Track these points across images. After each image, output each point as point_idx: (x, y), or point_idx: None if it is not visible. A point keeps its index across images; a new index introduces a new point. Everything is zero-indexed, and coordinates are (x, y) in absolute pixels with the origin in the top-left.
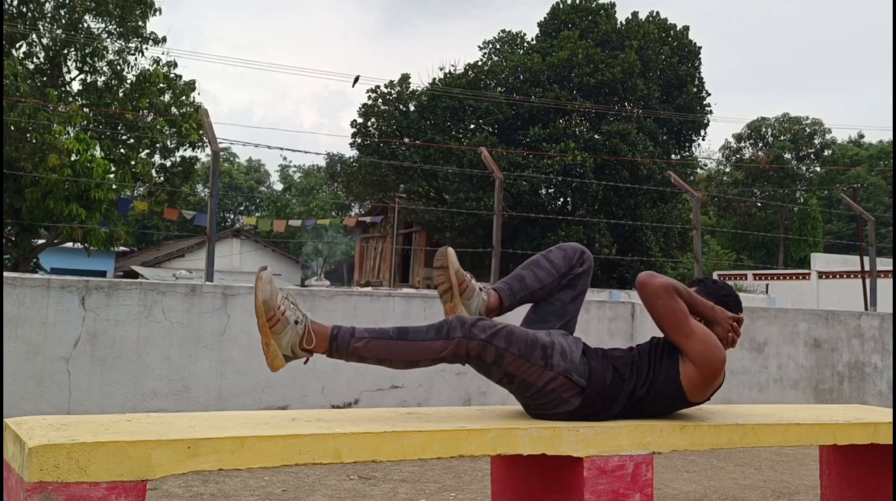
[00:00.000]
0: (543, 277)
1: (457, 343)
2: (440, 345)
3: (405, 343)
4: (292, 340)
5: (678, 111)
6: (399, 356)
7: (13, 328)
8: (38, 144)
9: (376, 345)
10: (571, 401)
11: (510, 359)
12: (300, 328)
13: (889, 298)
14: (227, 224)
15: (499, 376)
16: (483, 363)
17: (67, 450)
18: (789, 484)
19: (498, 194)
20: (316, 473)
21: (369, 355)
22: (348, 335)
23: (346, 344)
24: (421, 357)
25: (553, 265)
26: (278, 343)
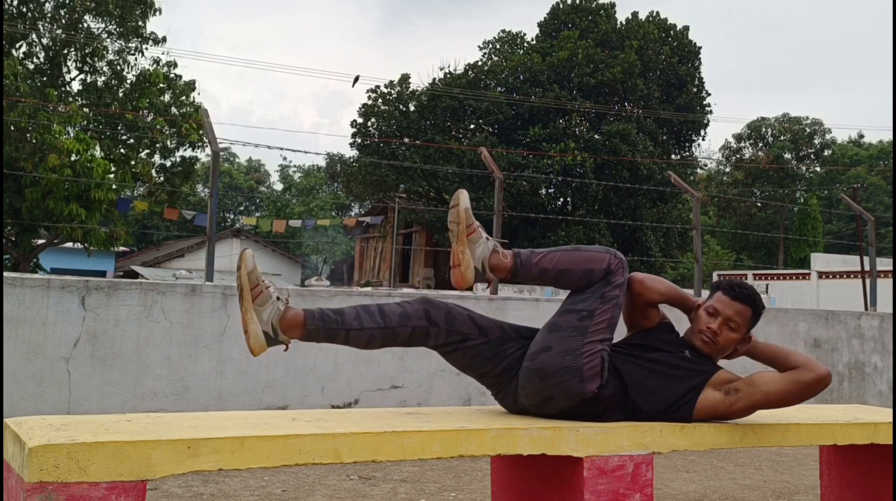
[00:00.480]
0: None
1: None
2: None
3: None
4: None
5: (678, 111)
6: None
7: (13, 328)
8: (38, 144)
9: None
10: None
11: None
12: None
13: (889, 298)
14: (227, 224)
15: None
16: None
17: (67, 450)
18: (789, 484)
19: (498, 194)
20: (316, 473)
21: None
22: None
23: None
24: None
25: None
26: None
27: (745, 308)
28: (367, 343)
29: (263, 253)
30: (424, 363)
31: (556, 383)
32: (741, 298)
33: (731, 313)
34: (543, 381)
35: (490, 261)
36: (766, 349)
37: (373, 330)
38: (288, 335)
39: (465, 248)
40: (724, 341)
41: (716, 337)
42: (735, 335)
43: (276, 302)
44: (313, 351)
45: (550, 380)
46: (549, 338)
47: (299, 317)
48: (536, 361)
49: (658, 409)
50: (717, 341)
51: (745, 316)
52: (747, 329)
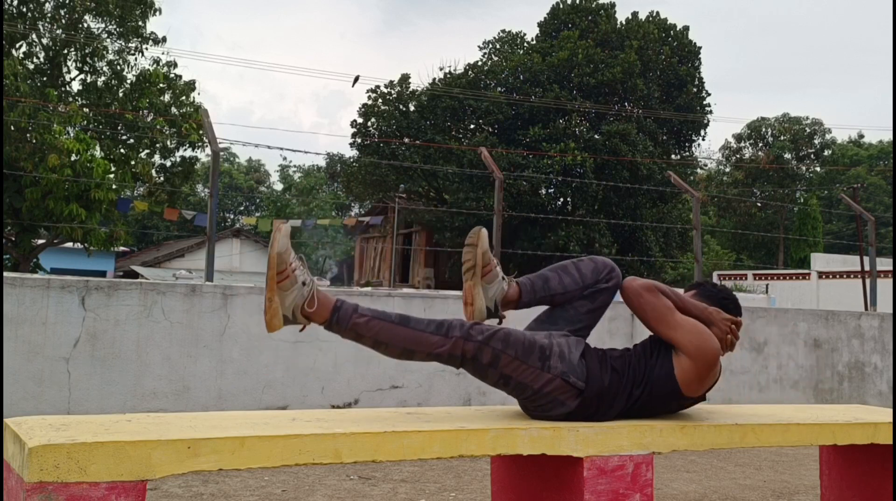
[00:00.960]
0: (568, 283)
1: (454, 343)
2: (438, 341)
3: (405, 330)
4: (296, 301)
5: (678, 111)
6: (396, 341)
7: (13, 328)
8: (38, 144)
9: (377, 326)
10: (568, 403)
11: (507, 361)
12: (306, 290)
13: (889, 298)
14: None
15: (495, 378)
16: (479, 365)
17: (67, 450)
18: (789, 484)
19: (498, 193)
20: (316, 473)
21: (367, 334)
22: (351, 309)
23: (347, 318)
24: (417, 348)
25: (581, 275)
26: (281, 301)
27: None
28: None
29: (263, 253)
30: (424, 363)
31: (542, 414)
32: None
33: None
34: (532, 413)
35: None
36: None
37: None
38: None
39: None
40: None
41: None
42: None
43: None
44: (313, 351)
45: (537, 414)
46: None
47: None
48: (521, 405)
49: (648, 384)
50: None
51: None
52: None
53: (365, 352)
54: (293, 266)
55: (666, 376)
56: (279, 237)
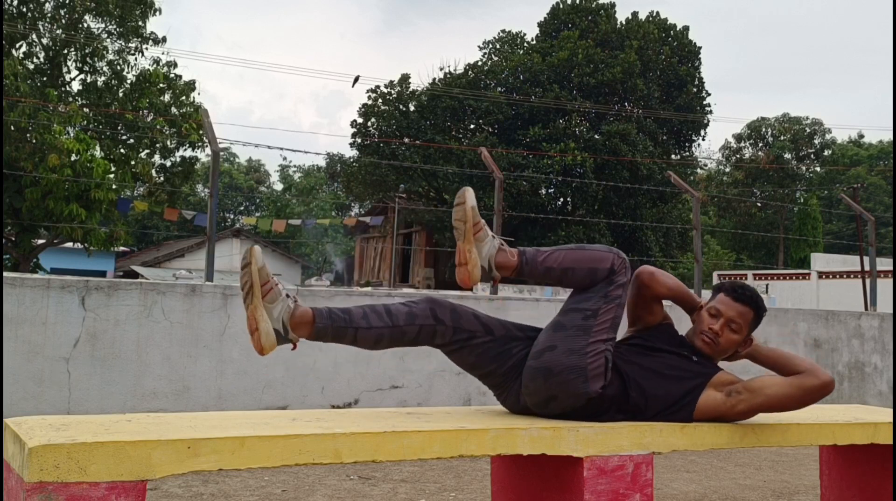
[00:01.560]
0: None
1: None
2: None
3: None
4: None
5: (678, 111)
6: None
7: (13, 328)
8: (38, 144)
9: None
10: (591, 384)
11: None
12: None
13: (889, 298)
14: (227, 224)
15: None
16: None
17: (67, 450)
18: (789, 484)
19: (498, 194)
20: (316, 473)
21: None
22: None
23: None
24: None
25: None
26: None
27: (747, 310)
28: (374, 343)
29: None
30: (424, 363)
31: (561, 382)
32: (743, 299)
33: (733, 314)
34: (548, 380)
35: (496, 259)
36: (770, 353)
37: (381, 329)
38: (297, 333)
39: (472, 246)
40: (725, 342)
41: (717, 338)
42: (736, 336)
43: (286, 299)
44: (313, 351)
45: (555, 379)
46: (553, 337)
47: (308, 315)
48: (541, 359)
49: (659, 409)
50: (719, 342)
51: (747, 318)
52: (749, 331)
53: (365, 352)
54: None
55: (687, 413)
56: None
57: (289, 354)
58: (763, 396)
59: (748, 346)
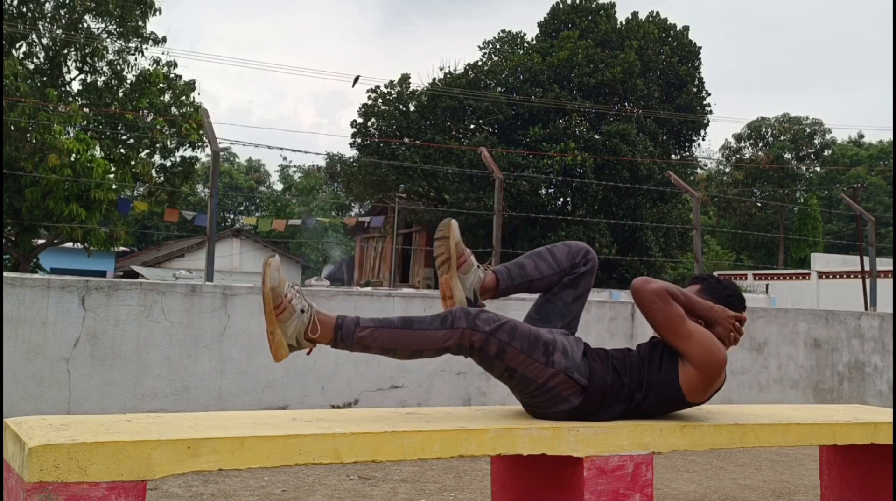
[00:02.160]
0: (544, 268)
1: (461, 334)
2: (444, 335)
3: (409, 332)
4: (297, 329)
5: (678, 111)
6: (404, 345)
7: (13, 328)
8: (38, 144)
9: (381, 334)
10: (571, 400)
11: (513, 354)
12: (306, 317)
13: (889, 298)
14: (227, 224)
15: (500, 370)
16: (486, 355)
17: (67, 450)
18: (789, 484)
19: (498, 193)
20: (316, 473)
21: (374, 344)
22: (353, 324)
23: (350, 334)
24: (425, 347)
25: (556, 260)
26: (283, 332)
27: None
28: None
29: (263, 253)
30: (424, 362)
31: (544, 411)
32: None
33: None
34: (534, 411)
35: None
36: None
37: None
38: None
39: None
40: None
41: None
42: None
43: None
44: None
45: (538, 412)
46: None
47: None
48: (520, 398)
49: (653, 389)
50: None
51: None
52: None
53: None
54: (289, 297)
55: (669, 383)
56: (269, 272)
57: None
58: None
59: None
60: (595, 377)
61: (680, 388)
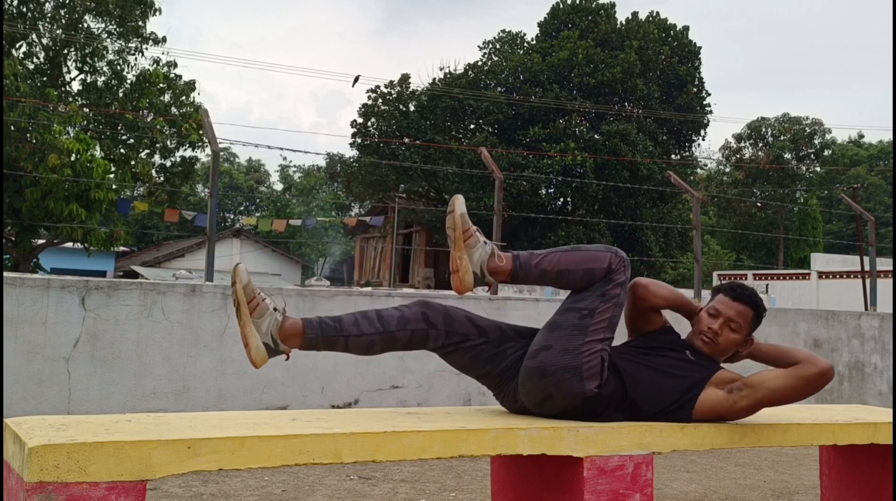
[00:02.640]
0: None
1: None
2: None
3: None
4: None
5: (678, 111)
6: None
7: (13, 328)
8: (38, 144)
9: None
10: (587, 383)
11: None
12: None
13: (889, 298)
14: (227, 224)
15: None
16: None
17: (67, 450)
18: (789, 484)
19: (498, 194)
20: (316, 473)
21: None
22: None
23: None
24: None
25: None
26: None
27: (746, 309)
28: (366, 349)
29: (263, 253)
30: (424, 363)
31: (556, 381)
32: (742, 298)
33: (732, 313)
34: (543, 379)
35: (488, 265)
36: (769, 350)
37: (371, 335)
38: (288, 345)
39: (463, 253)
40: (724, 341)
41: (716, 337)
42: (736, 336)
43: (274, 313)
44: (313, 352)
45: (550, 379)
46: (549, 336)
47: (298, 326)
48: (536, 359)
49: (658, 408)
50: (718, 341)
51: (747, 317)
52: (749, 331)
53: None
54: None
55: (686, 411)
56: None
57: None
58: (764, 389)
59: (749, 346)
60: (606, 386)
61: (695, 403)
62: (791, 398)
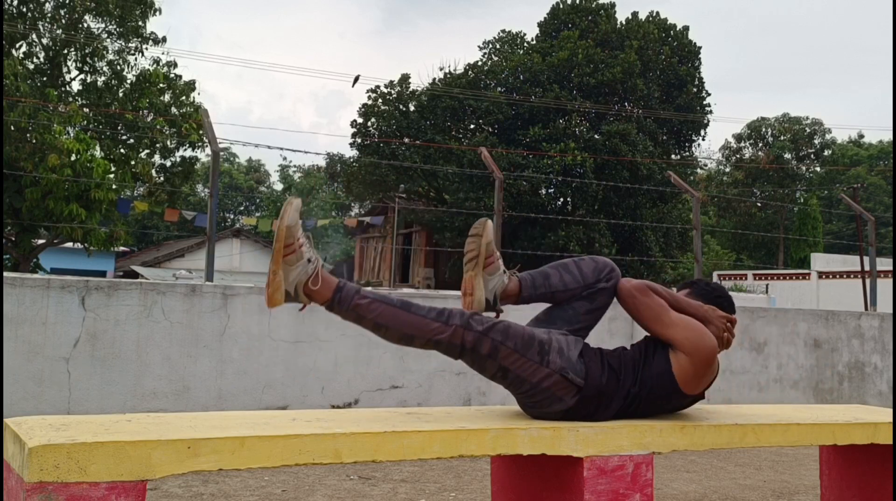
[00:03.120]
0: (569, 281)
1: (453, 331)
2: (438, 327)
3: (406, 314)
4: (300, 277)
5: (678, 111)
6: (396, 325)
7: (13, 328)
8: (38, 144)
9: (378, 308)
10: (566, 400)
11: (506, 353)
12: (311, 267)
13: (889, 298)
14: (227, 224)
15: (493, 370)
16: (478, 355)
17: (67, 450)
18: (789, 484)
19: (498, 194)
20: (316, 473)
21: (368, 315)
22: (354, 291)
23: (349, 299)
24: (417, 333)
25: (581, 273)
26: (285, 276)
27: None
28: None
29: (263, 253)
30: (424, 363)
31: (540, 411)
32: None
33: None
34: (530, 410)
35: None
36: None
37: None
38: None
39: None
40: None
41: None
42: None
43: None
44: (313, 351)
45: (534, 412)
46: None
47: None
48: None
49: (648, 388)
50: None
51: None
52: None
53: (365, 352)
54: (300, 242)
55: (663, 374)
56: (290, 211)
57: (288, 354)
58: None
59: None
60: (591, 377)
61: (674, 378)
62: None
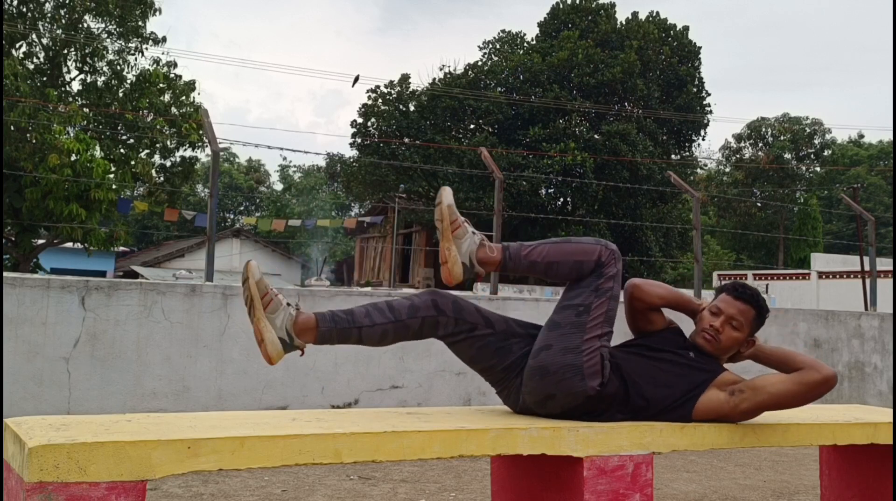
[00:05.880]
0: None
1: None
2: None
3: (560, 251)
4: (470, 247)
5: (678, 111)
6: (558, 255)
7: (13, 328)
8: (38, 144)
9: (531, 249)
10: (588, 381)
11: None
12: (477, 238)
13: (889, 298)
14: (227, 224)
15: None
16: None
17: (67, 450)
18: (789, 484)
19: (498, 194)
20: (316, 473)
21: (539, 258)
22: (517, 246)
23: (517, 253)
24: (583, 261)
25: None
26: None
27: (748, 308)
28: (380, 339)
29: (263, 253)
30: (424, 363)
31: (558, 380)
32: (744, 297)
33: (734, 312)
34: (544, 379)
35: (478, 255)
36: (772, 351)
37: (384, 325)
38: (302, 340)
39: (452, 244)
40: (726, 340)
41: (718, 335)
42: (738, 334)
43: (287, 308)
44: (313, 351)
45: (552, 378)
46: (549, 336)
47: (311, 320)
48: (538, 358)
49: (659, 408)
50: (720, 339)
51: (749, 316)
52: (751, 330)
53: (365, 352)
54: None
55: (686, 411)
56: (446, 194)
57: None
58: (766, 393)
59: (751, 346)
60: (608, 386)
61: (692, 411)
62: (792, 403)
